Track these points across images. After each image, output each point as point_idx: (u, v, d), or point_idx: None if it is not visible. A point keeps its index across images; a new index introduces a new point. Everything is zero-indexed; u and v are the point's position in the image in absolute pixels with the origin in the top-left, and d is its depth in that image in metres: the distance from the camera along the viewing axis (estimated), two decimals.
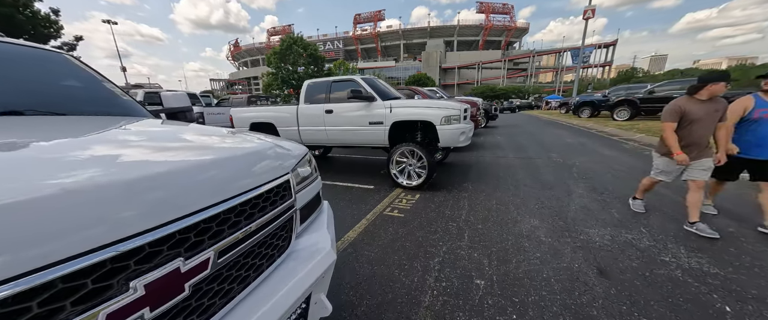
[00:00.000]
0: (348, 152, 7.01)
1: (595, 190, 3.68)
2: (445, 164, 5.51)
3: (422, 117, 3.88)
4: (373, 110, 4.12)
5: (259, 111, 4.97)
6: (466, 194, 3.71)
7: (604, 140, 7.89)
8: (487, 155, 6.36)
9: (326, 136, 4.51)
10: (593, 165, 5.05)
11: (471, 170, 5.01)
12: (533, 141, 8.22)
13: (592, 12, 28.31)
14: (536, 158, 5.89)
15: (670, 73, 60.10)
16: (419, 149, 3.83)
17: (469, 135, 4.10)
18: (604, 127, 10.54)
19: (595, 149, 6.57)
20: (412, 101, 4.17)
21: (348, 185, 4.24)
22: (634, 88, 13.96)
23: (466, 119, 4.28)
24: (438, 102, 4.03)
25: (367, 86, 4.23)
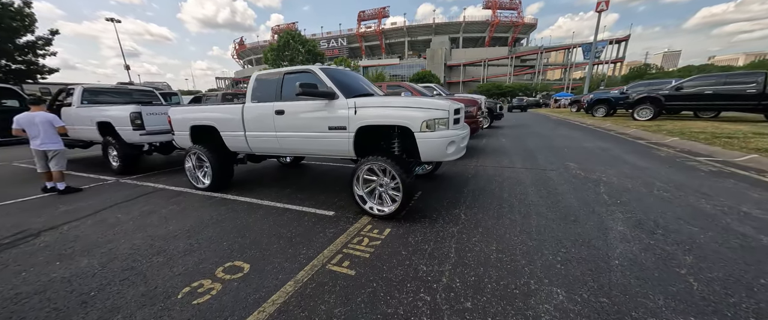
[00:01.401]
0: (323, 159, 5.99)
1: (641, 226, 2.58)
2: (436, 177, 4.44)
3: (396, 121, 2.82)
4: (333, 111, 3.08)
5: (200, 112, 3.97)
6: (456, 230, 2.64)
7: (630, 145, 6.71)
8: (489, 164, 5.27)
9: (278, 144, 3.49)
10: (625, 181, 3.93)
11: (467, 187, 3.93)
12: (544, 146, 7.08)
13: (606, 4, 26.75)
14: (550, 169, 4.77)
15: (686, 70, 57.56)
16: (391, 164, 2.77)
17: (461, 145, 3.03)
18: (626, 128, 9.31)
19: (622, 157, 5.41)
20: (387, 98, 3.12)
21: (301, 210, 3.21)
22: (657, 83, 12.63)
23: (459, 123, 3.21)
24: (420, 100, 2.97)
25: (326, 79, 3.18)
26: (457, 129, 3.02)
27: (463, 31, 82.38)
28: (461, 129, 3.16)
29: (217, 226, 2.80)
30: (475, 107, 5.84)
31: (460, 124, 3.25)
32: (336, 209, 3.24)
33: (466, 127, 3.53)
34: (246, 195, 3.77)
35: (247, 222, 2.90)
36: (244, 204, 3.44)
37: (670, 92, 10.24)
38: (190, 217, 3.06)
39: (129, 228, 2.79)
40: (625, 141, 7.29)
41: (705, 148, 5.62)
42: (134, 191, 4.10)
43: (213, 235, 2.61)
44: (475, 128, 5.87)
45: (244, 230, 2.72)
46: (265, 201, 3.52)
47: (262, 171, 5.30)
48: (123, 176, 4.91)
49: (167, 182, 4.47)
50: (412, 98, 3.11)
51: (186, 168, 4.08)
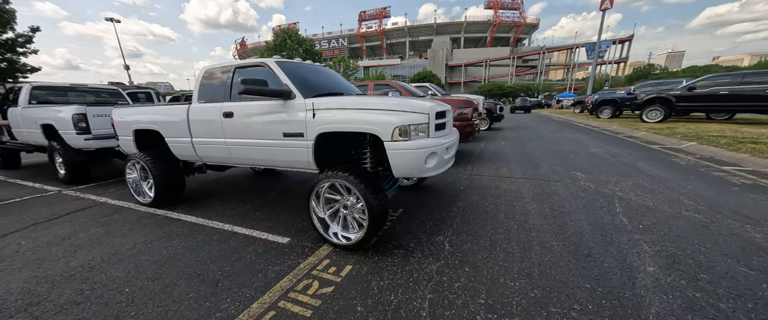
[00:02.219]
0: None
1: (678, 266, 1.97)
2: (422, 190, 3.84)
3: (361, 127, 2.24)
4: (289, 114, 2.50)
5: (142, 114, 3.39)
6: (436, 268, 2.05)
7: (642, 150, 6.08)
8: (485, 173, 4.66)
9: (228, 153, 2.91)
10: (645, 197, 3.31)
11: (457, 203, 3.33)
12: (547, 150, 6.46)
13: (610, 2, 26.06)
14: (554, 179, 4.17)
15: (691, 70, 56.66)
16: (353, 182, 2.18)
17: (446, 157, 2.44)
18: (635, 131, 8.68)
19: (636, 165, 4.79)
20: (356, 99, 2.52)
21: (250, 235, 2.62)
22: (665, 83, 11.98)
23: (445, 128, 2.62)
24: (395, 101, 2.38)
25: (282, 74, 2.60)
26: (440, 137, 2.43)
27: (465, 31, 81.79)
28: (446, 137, 2.57)
29: (133, 260, 2.21)
30: (469, 108, 5.24)
31: (445, 130, 2.66)
32: (294, 233, 2.65)
33: (454, 133, 2.94)
34: (195, 212, 3.19)
35: (175, 253, 2.32)
36: (185, 226, 2.86)
37: (681, 92, 9.59)
38: (109, 246, 2.47)
39: (19, 263, 2.20)
40: (636, 146, 6.66)
41: (730, 155, 4.99)
42: (68, 206, 3.53)
43: (119, 276, 2.02)
44: (470, 132, 5.28)
45: (165, 266, 2.13)
46: (212, 222, 2.94)
47: (229, 180, 4.72)
48: (69, 186, 4.35)
49: (114, 195, 3.89)
50: (386, 99, 2.51)
51: (128, 180, 3.51)
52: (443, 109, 2.58)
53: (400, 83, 6.07)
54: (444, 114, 2.63)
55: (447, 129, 2.73)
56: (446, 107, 2.68)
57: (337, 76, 3.53)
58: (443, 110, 2.58)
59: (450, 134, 2.76)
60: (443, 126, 2.62)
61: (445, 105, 2.68)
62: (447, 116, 2.71)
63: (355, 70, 35.56)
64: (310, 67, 3.14)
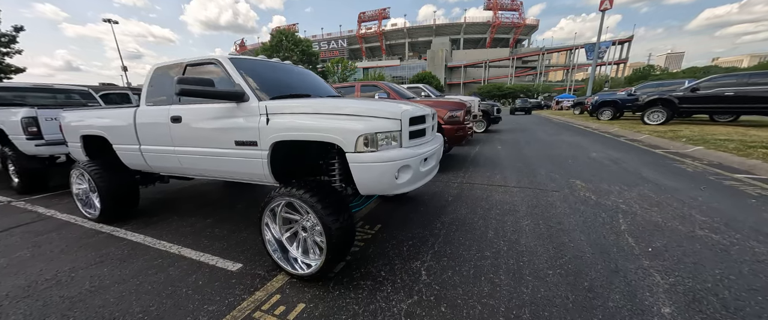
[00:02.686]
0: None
1: (699, 306, 1.62)
2: (406, 201, 3.49)
3: (319, 135, 1.89)
4: (241, 119, 2.15)
5: (89, 118, 3.03)
6: (405, 307, 1.69)
7: (645, 155, 5.73)
8: (478, 180, 4.31)
9: (179, 163, 2.55)
10: (652, 211, 2.96)
11: (442, 218, 2.98)
12: (545, 155, 6.11)
13: (610, 3, 25.81)
14: (551, 188, 3.81)
15: (691, 71, 56.44)
16: (308, 200, 1.83)
17: (424, 169, 2.09)
18: (637, 133, 8.33)
19: (639, 172, 4.44)
20: (317, 102, 2.17)
21: (198, 260, 2.27)
22: (667, 84, 11.65)
23: (425, 135, 2.28)
24: (363, 105, 2.04)
25: (235, 72, 2.26)
26: (417, 146, 2.08)
27: (464, 32, 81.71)
28: (425, 145, 2.22)
29: (42, 296, 1.85)
30: (461, 111, 4.89)
31: (425, 137, 2.31)
32: (249, 257, 2.29)
33: (437, 139, 2.59)
34: (146, 230, 2.83)
35: (100, 285, 1.96)
36: (127, 247, 2.50)
37: (684, 93, 9.25)
38: (25, 276, 2.10)
39: None
40: (638, 150, 6.31)
41: (741, 161, 4.64)
42: (9, 220, 3.17)
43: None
44: (461, 136, 4.93)
45: (78, 305, 1.77)
46: (161, 242, 2.58)
47: (195, 190, 4.37)
48: (22, 196, 3.99)
49: (65, 208, 3.52)
50: (355, 102, 2.16)
51: (76, 192, 3.14)
52: (422, 113, 2.23)
53: (388, 83, 5.73)
54: (423, 119, 2.28)
55: (427, 136, 2.38)
56: (426, 111, 2.32)
57: (311, 76, 3.18)
58: (422, 114, 2.23)
59: (431, 142, 2.41)
60: (422, 133, 2.27)
61: (424, 109, 2.33)
62: (427, 121, 2.36)
63: (353, 71, 35.24)
64: (277, 66, 2.79)
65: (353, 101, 2.14)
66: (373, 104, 2.09)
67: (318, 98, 2.54)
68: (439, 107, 4.96)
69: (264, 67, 2.58)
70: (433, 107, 4.92)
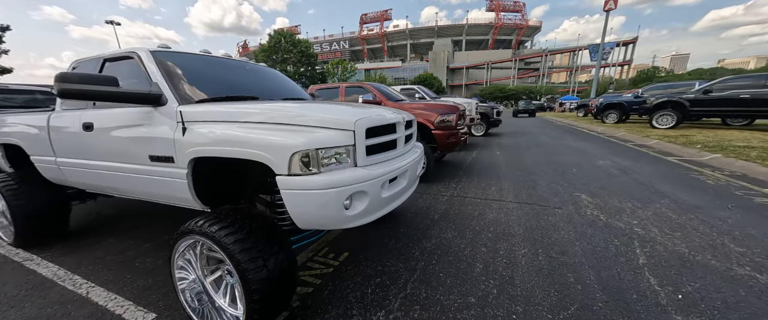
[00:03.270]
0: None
1: None
2: (388, 217, 3.01)
3: (241, 151, 1.44)
4: (153, 128, 1.69)
5: (5, 124, 2.58)
6: None
7: (658, 164, 5.22)
8: (470, 193, 3.83)
9: (95, 179, 2.10)
10: (674, 237, 2.47)
11: (423, 242, 2.50)
12: (547, 162, 5.62)
13: (614, 3, 25.26)
14: (553, 205, 3.32)
15: (697, 73, 55.62)
16: (223, 241, 1.36)
17: (387, 196, 1.63)
18: (645, 138, 7.81)
19: (653, 185, 3.94)
20: (251, 106, 1.70)
21: (105, 307, 1.80)
22: (677, 86, 11.10)
23: (395, 148, 1.82)
24: (307, 110, 1.58)
25: (153, 68, 1.81)
26: (380, 164, 1.62)
27: (466, 33, 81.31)
28: (394, 161, 1.76)
29: None
30: (454, 115, 4.41)
31: (395, 150, 1.85)
32: (169, 303, 1.82)
33: (414, 152, 2.13)
34: (66, 257, 2.38)
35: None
36: (31, 283, 2.05)
37: (696, 95, 8.72)
38: None
39: None
40: (649, 157, 5.80)
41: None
42: None
43: None
44: (453, 143, 4.46)
45: None
46: (73, 276, 2.12)
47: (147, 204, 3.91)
48: None
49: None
50: (295, 107, 1.70)
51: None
52: (388, 120, 1.77)
53: (374, 84, 5.27)
54: (391, 128, 1.81)
55: (399, 149, 1.91)
56: (396, 118, 1.86)
57: (269, 76, 2.72)
58: (388, 122, 1.77)
59: (404, 155, 1.94)
60: (391, 145, 1.81)
61: (393, 115, 1.86)
62: (398, 130, 1.90)
63: (353, 73, 34.85)
64: (221, 62, 2.33)
65: (295, 107, 1.68)
66: (319, 110, 1.63)
67: (268, 101, 2.08)
68: (429, 111, 4.50)
69: (201, 62, 2.13)
70: (424, 111, 4.45)
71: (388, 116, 1.80)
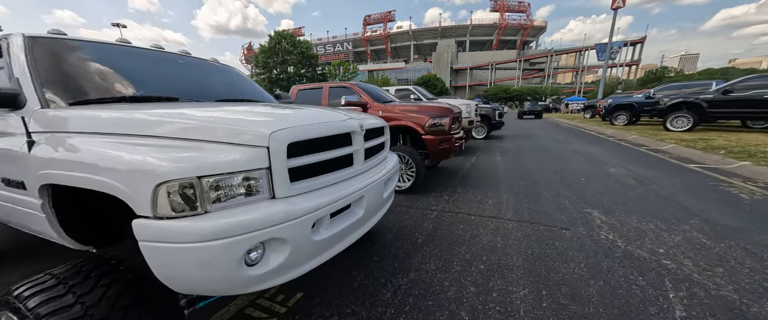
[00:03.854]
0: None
1: None
2: (363, 239, 2.53)
3: (90, 180, 0.96)
4: (7, 140, 1.24)
5: None
6: None
7: (679, 174, 4.67)
8: (464, 208, 3.34)
9: None
10: (715, 274, 1.95)
11: (399, 277, 2.02)
12: (553, 170, 5.09)
13: (622, 1, 24.52)
14: (560, 225, 2.82)
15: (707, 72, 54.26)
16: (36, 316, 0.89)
17: (322, 240, 1.15)
18: (660, 142, 7.22)
19: (677, 200, 3.41)
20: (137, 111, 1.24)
21: None
22: (692, 85, 10.46)
23: (353, 166, 1.38)
24: (208, 116, 1.11)
25: (21, 53, 1.37)
26: (318, 192, 1.17)
27: (470, 34, 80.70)
28: (343, 185, 1.31)
29: None
30: (447, 117, 3.92)
31: (352, 168, 1.39)
32: None
33: (383, 166, 1.67)
34: None
35: None
36: None
37: (715, 96, 8.10)
38: None
39: None
40: (667, 165, 5.24)
41: None
42: None
43: None
44: (446, 149, 3.97)
45: None
46: None
47: None
48: None
49: None
50: (208, 112, 1.24)
51: None
52: (336, 130, 1.30)
53: (360, 83, 4.80)
54: (342, 140, 1.35)
55: (356, 166, 1.44)
56: (351, 126, 1.39)
57: (211, 72, 2.26)
58: (337, 131, 1.30)
59: (364, 174, 1.48)
60: (344, 162, 1.35)
61: (347, 122, 1.39)
62: (355, 142, 1.43)
63: (354, 74, 34.49)
64: (136, 54, 1.87)
65: (201, 113, 1.22)
66: (229, 116, 1.16)
67: (190, 104, 1.62)
68: (419, 113, 4.02)
69: (104, 54, 1.68)
70: (414, 113, 3.97)
71: (334, 124, 1.33)
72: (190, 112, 1.20)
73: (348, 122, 1.42)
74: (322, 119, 1.33)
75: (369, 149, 1.66)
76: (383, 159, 1.92)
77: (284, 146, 1.04)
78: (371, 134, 1.71)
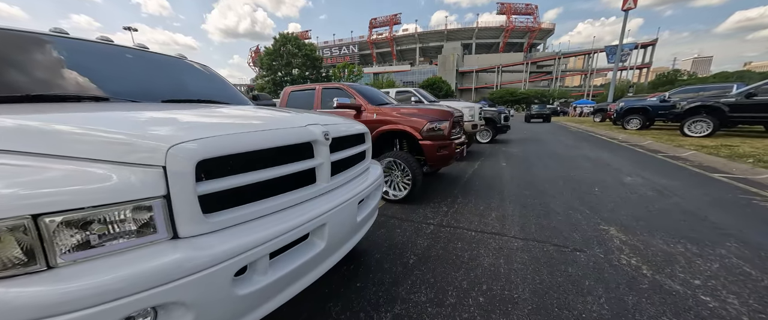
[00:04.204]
0: None
1: None
2: (350, 259, 2.21)
3: None
4: None
5: None
6: None
7: (702, 183, 4.25)
8: (463, 221, 2.99)
9: None
10: (766, 315, 1.58)
11: (379, 313, 1.69)
12: (562, 178, 4.71)
13: (634, 2, 23.90)
14: (573, 246, 2.46)
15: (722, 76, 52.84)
16: None
17: (256, 292, 0.82)
18: (678, 148, 6.76)
19: (707, 217, 3.01)
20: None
21: None
22: (710, 89, 9.93)
23: (316, 184, 1.05)
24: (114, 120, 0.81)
25: None
26: (251, 224, 0.84)
27: (476, 36, 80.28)
28: (302, 209, 0.99)
29: None
30: (446, 122, 3.59)
31: (312, 187, 1.09)
32: None
33: (359, 182, 1.36)
34: None
35: None
36: None
37: (737, 99, 7.60)
38: None
39: None
40: (688, 174, 4.82)
41: None
42: None
43: None
44: (447, 155, 3.63)
45: None
46: None
47: None
48: None
49: None
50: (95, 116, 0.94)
51: None
52: (283, 141, 0.99)
53: (353, 84, 4.50)
54: (304, 150, 1.05)
55: (318, 185, 1.13)
56: (313, 134, 1.09)
57: (161, 67, 1.98)
58: (290, 141, 1.00)
59: (330, 194, 1.17)
60: (307, 178, 1.04)
61: (300, 129, 1.09)
62: (318, 154, 1.13)
63: (359, 76, 34.35)
64: (65, 45, 1.58)
65: (84, 117, 0.92)
66: (131, 121, 0.87)
67: (123, 104, 1.33)
68: (416, 117, 3.70)
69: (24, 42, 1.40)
70: (411, 116, 3.66)
71: (284, 132, 1.02)
72: (85, 116, 0.91)
73: (307, 130, 1.11)
74: (268, 125, 1.03)
75: (341, 162, 1.35)
76: (362, 172, 1.61)
77: (191, 166, 0.74)
78: (343, 143, 1.40)
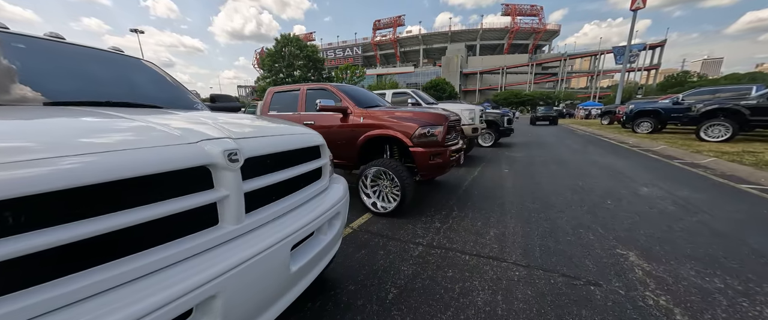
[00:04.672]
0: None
1: None
2: (320, 287, 1.84)
3: None
4: None
5: None
6: None
7: (730, 196, 3.80)
8: (457, 240, 2.60)
9: None
10: None
11: None
12: (570, 187, 4.28)
13: (643, 2, 23.29)
14: (586, 278, 2.05)
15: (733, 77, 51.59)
16: None
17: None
18: (695, 154, 6.28)
19: (743, 237, 2.58)
20: None
21: None
22: (726, 90, 9.40)
23: (219, 226, 0.63)
24: None
25: None
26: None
27: (481, 38, 79.69)
28: (191, 264, 0.59)
29: None
30: (441, 126, 3.21)
31: (215, 231, 0.70)
32: None
33: (309, 210, 0.97)
34: None
35: None
36: None
37: (759, 102, 7.10)
38: None
39: None
40: (711, 184, 4.36)
41: None
42: None
43: None
44: (442, 164, 3.25)
45: None
46: None
47: None
48: None
49: None
50: None
51: None
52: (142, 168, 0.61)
53: (339, 85, 4.14)
54: (199, 178, 0.67)
55: (224, 226, 0.75)
56: (210, 157, 0.71)
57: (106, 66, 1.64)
58: (156, 167, 0.62)
59: (266, 227, 0.79)
60: (207, 219, 0.65)
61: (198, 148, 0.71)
62: (220, 183, 0.74)
63: (361, 77, 34.06)
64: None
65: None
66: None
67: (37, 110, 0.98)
68: (407, 121, 3.32)
69: None
70: (401, 120, 3.28)
71: (143, 154, 0.65)
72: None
73: (195, 149, 0.74)
74: (129, 143, 0.66)
75: (270, 188, 0.98)
76: (312, 196, 1.24)
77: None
78: (280, 161, 1.03)
